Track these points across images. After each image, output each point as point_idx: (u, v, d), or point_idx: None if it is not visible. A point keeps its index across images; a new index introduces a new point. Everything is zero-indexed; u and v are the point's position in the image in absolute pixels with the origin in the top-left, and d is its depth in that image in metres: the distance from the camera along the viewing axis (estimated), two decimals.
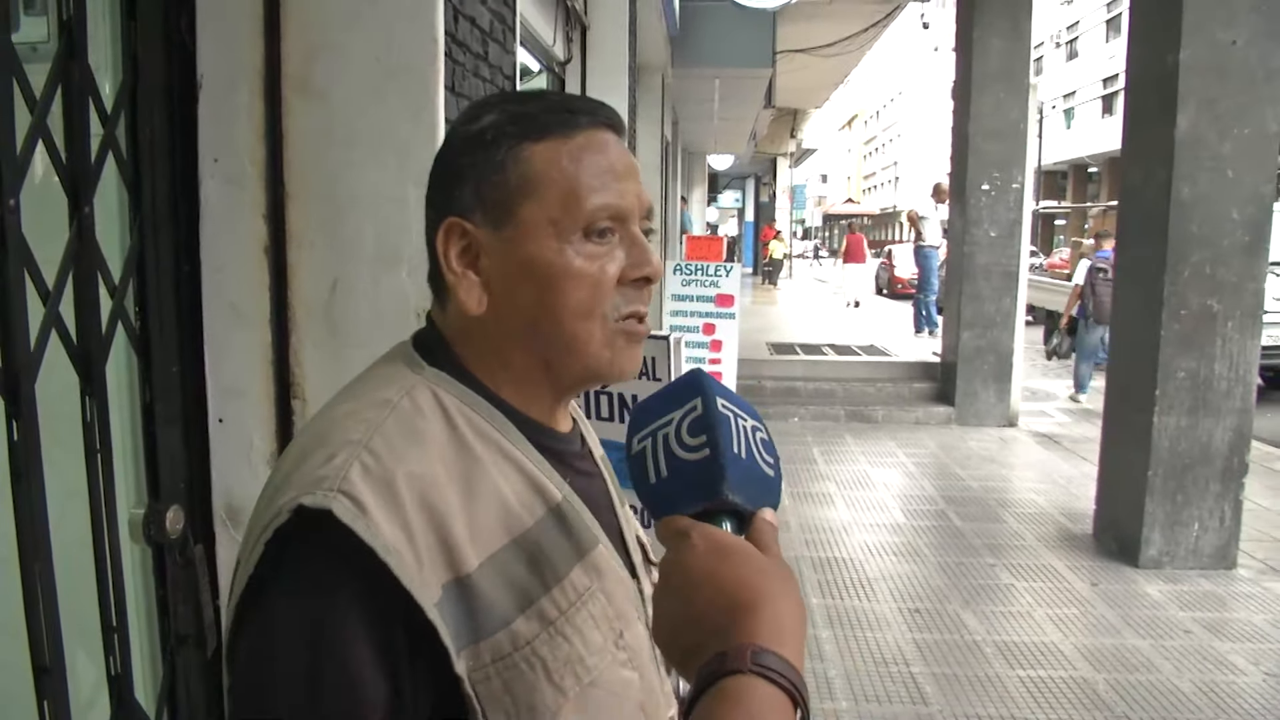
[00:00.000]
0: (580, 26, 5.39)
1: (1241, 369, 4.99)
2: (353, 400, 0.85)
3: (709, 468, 0.73)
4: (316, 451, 0.78)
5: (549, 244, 0.84)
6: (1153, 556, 5.08)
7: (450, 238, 0.86)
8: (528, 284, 0.85)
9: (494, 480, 0.82)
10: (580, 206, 0.84)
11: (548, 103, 0.89)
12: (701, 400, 0.76)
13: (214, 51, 1.62)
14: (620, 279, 0.86)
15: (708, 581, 0.67)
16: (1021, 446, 8.10)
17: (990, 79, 8.48)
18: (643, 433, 0.79)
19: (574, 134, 0.86)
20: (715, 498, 0.73)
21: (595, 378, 0.90)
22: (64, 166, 1.39)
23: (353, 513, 0.72)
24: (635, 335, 0.88)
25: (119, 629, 1.47)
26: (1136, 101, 5.31)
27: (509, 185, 0.85)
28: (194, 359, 1.69)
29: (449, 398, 0.85)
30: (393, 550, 0.72)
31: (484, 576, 0.78)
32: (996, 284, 8.68)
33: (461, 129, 0.89)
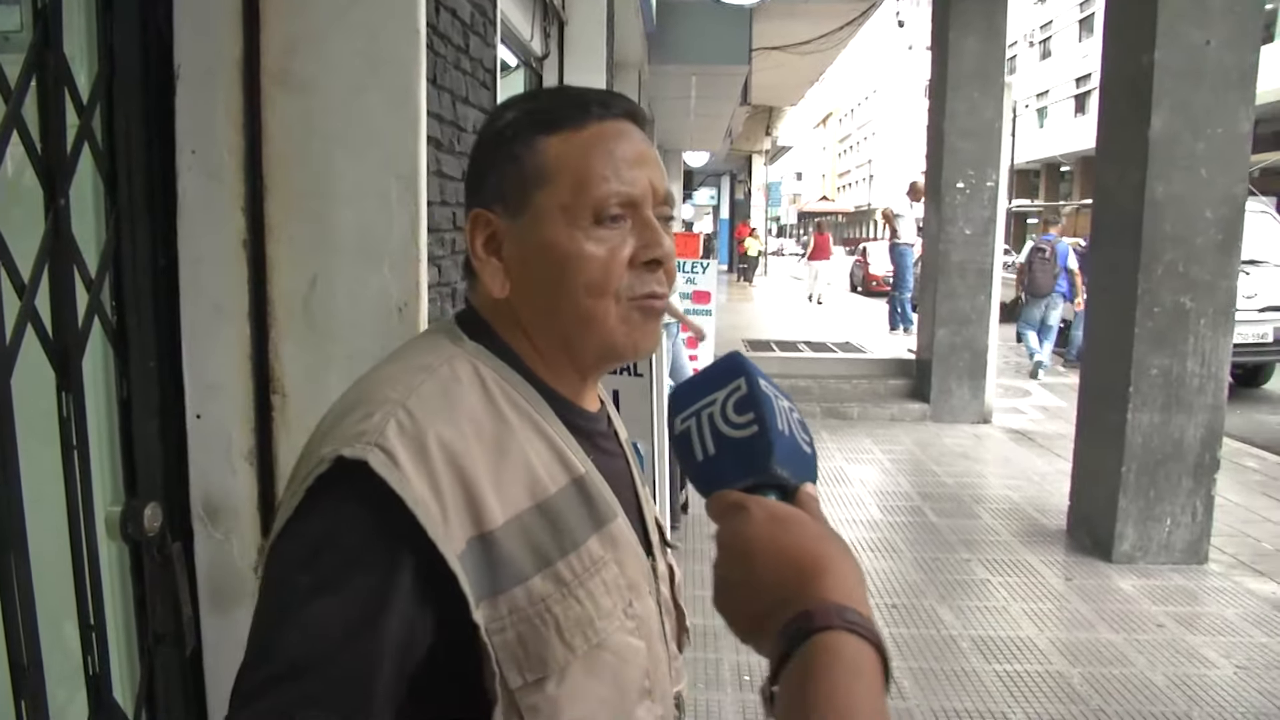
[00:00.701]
0: (558, 22, 5.37)
1: (1214, 366, 5.04)
2: (394, 365, 0.91)
3: (757, 444, 0.77)
4: (357, 409, 0.83)
5: (561, 230, 0.89)
6: (1126, 551, 5.13)
7: (477, 227, 0.93)
8: (543, 267, 0.90)
9: (523, 447, 0.87)
10: (589, 193, 0.89)
11: (564, 98, 0.95)
12: (745, 380, 0.79)
13: (192, 42, 1.59)
14: (632, 261, 0.91)
15: (771, 549, 0.69)
16: (996, 443, 8.15)
17: (965, 78, 8.53)
18: (686, 413, 0.82)
19: (585, 126, 0.92)
20: (764, 472, 0.76)
21: (614, 354, 0.94)
22: (39, 158, 1.36)
23: (387, 465, 0.77)
24: (651, 310, 0.93)
25: (97, 627, 1.45)
26: (1111, 101, 5.35)
27: (525, 176, 0.91)
28: (171, 354, 1.66)
29: (487, 370, 0.91)
30: (420, 502, 0.77)
31: (507, 535, 0.82)
32: (971, 281, 8.74)
33: (488, 127, 0.97)
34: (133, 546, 1.59)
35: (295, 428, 1.69)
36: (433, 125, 1.91)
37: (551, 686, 0.82)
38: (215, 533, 1.70)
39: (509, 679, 0.81)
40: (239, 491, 1.69)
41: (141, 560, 1.60)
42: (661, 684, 0.95)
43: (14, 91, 1.30)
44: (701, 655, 3.91)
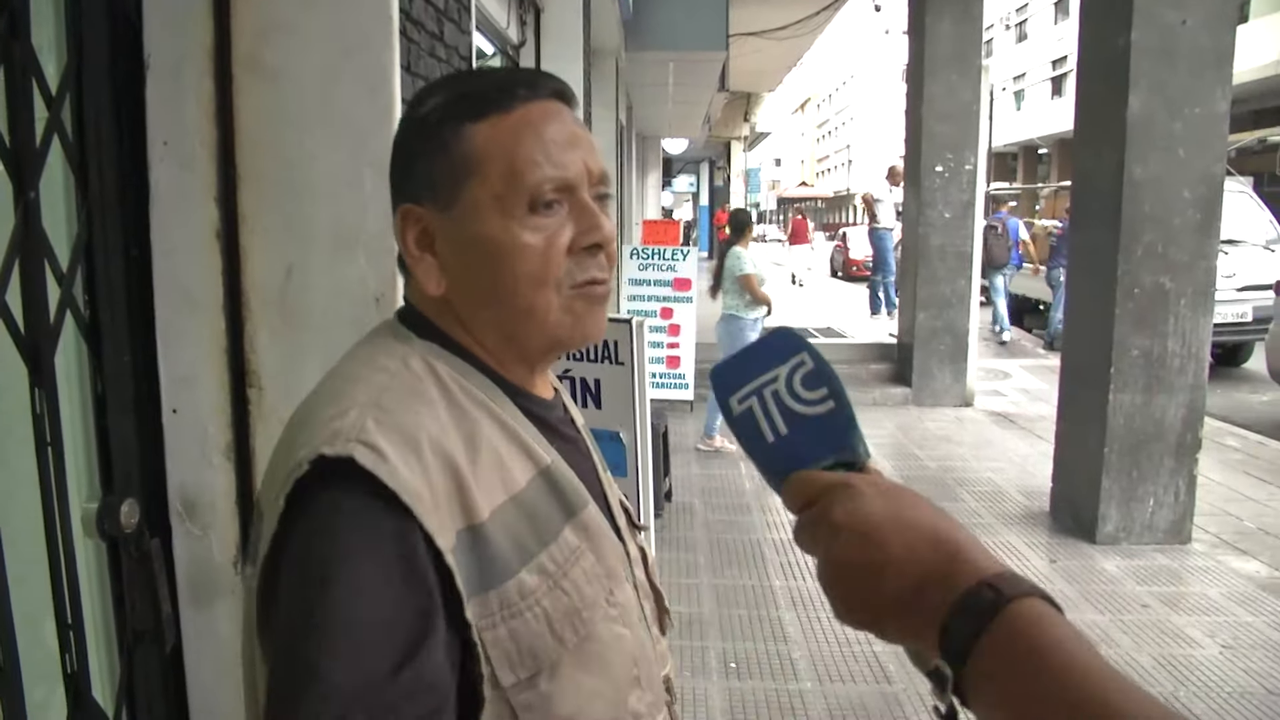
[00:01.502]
0: (534, 9, 5.34)
1: (1194, 346, 5.07)
2: (348, 369, 0.88)
3: (836, 419, 0.73)
4: (324, 411, 0.80)
5: (495, 221, 0.86)
6: (1109, 532, 5.16)
7: (408, 223, 0.90)
8: (480, 262, 0.87)
9: (490, 441, 0.85)
10: (521, 181, 0.85)
11: (489, 80, 0.92)
12: (809, 354, 0.75)
13: (162, 31, 1.56)
14: (571, 248, 0.88)
15: (900, 525, 0.66)
16: (978, 426, 8.19)
17: (942, 62, 8.53)
18: (742, 392, 0.76)
19: (513, 109, 0.88)
20: (846, 448, 0.73)
21: (559, 344, 0.92)
22: (7, 150, 1.33)
23: (373, 459, 0.74)
24: (594, 297, 0.90)
25: (75, 626, 1.43)
26: (1088, 84, 5.36)
27: (454, 166, 0.87)
28: (146, 348, 1.64)
29: (441, 365, 0.88)
30: (413, 493, 0.74)
31: (494, 527, 0.80)
32: (951, 265, 8.76)
33: (409, 113, 0.93)
34: (110, 543, 1.57)
35: (272, 421, 1.67)
36: None
37: (544, 682, 0.80)
38: (193, 528, 1.68)
39: (501, 677, 0.79)
40: (217, 486, 1.67)
41: (119, 557, 1.58)
42: (649, 670, 0.94)
43: None
44: (688, 643, 3.92)
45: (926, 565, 0.64)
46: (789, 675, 3.68)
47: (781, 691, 3.56)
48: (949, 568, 0.63)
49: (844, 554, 0.67)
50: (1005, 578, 0.62)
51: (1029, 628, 0.59)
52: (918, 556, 0.65)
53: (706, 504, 5.82)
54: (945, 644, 0.61)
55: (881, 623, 0.67)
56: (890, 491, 0.69)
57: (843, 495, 0.69)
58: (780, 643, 3.95)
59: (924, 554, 0.65)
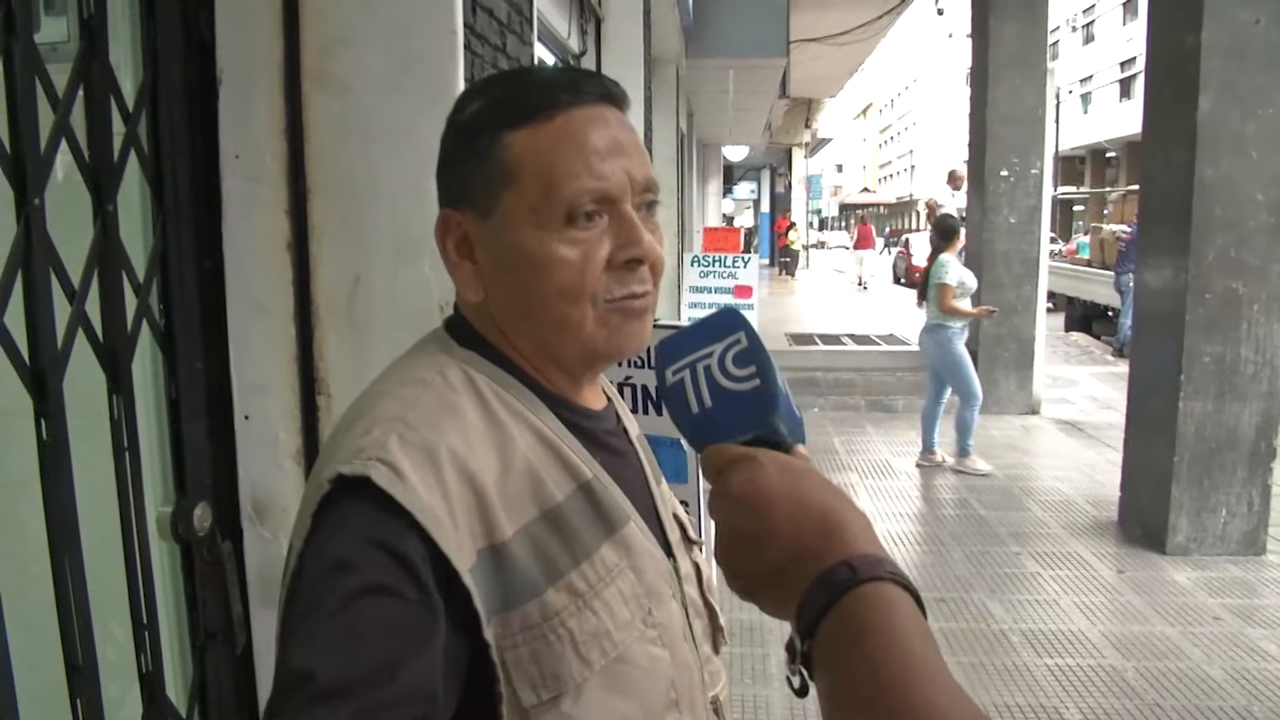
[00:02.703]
0: (595, 19, 5.38)
1: (1268, 353, 4.94)
2: (386, 382, 0.87)
3: (760, 396, 0.75)
4: (353, 428, 0.80)
5: (530, 233, 0.83)
6: (1180, 543, 5.04)
7: (447, 228, 0.89)
8: (514, 273, 0.85)
9: (525, 455, 0.83)
10: (558, 193, 0.82)
11: (531, 83, 0.88)
12: (745, 335, 0.77)
13: (233, 47, 1.61)
14: (610, 262, 0.85)
15: (788, 499, 0.67)
16: (1044, 434, 8.04)
17: (1007, 65, 8.42)
18: (678, 365, 0.79)
19: (555, 116, 0.84)
20: (765, 425, 0.75)
21: (596, 357, 0.89)
22: (87, 165, 1.39)
23: (390, 478, 0.73)
24: (632, 311, 0.87)
25: (149, 626, 1.47)
26: (1157, 84, 5.25)
27: (491, 174, 0.85)
28: (218, 355, 1.69)
29: (480, 376, 0.86)
30: (430, 514, 0.73)
31: (517, 546, 0.79)
32: (1016, 271, 8.63)
33: (451, 118, 0.90)
34: (183, 546, 1.62)
35: None
36: None
37: (567, 704, 0.78)
38: (264, 531, 1.72)
39: (522, 698, 0.77)
40: (287, 491, 1.71)
41: (192, 559, 1.63)
42: (690, 692, 0.91)
43: (62, 101, 1.33)
44: (748, 650, 3.90)
45: (806, 540, 0.65)
46: None
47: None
48: (824, 544, 0.64)
49: (733, 521, 0.69)
50: (868, 559, 0.62)
51: (866, 609, 0.60)
52: (800, 531, 0.66)
53: None
54: (799, 617, 0.63)
55: (759, 593, 0.69)
56: (792, 468, 0.70)
57: (745, 466, 0.70)
58: None
59: (806, 529, 0.66)
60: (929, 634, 0.59)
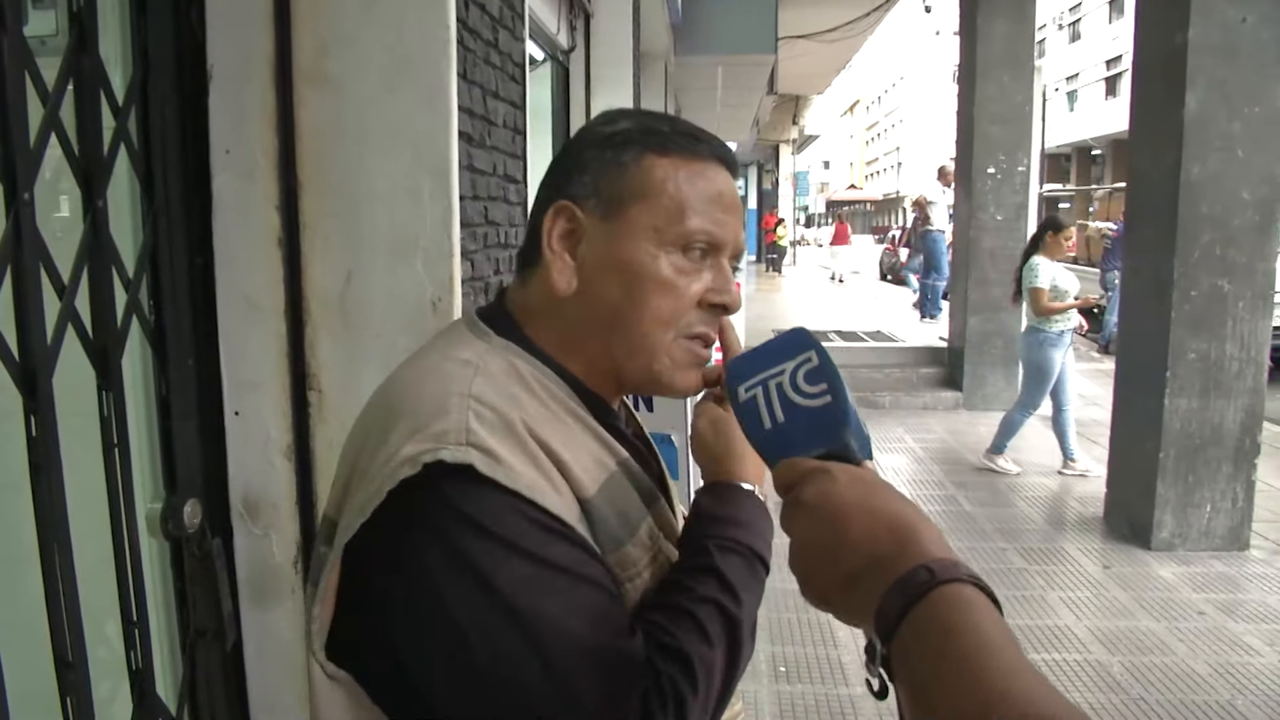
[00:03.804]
0: (584, 15, 5.36)
1: (1253, 350, 4.96)
2: (430, 360, 0.91)
3: (832, 413, 0.78)
4: (420, 405, 0.83)
5: (647, 247, 0.91)
6: (1165, 539, 5.07)
7: (558, 218, 0.93)
8: (618, 277, 0.91)
9: (575, 430, 0.90)
10: (684, 221, 0.91)
11: (678, 126, 0.97)
12: (816, 353, 0.80)
13: (224, 42, 1.60)
14: (701, 301, 0.93)
15: (862, 509, 0.70)
16: (1030, 430, 8.03)
17: (994, 63, 8.44)
18: (750, 382, 0.83)
19: (696, 159, 0.94)
20: (837, 441, 0.77)
21: (653, 384, 0.96)
22: (77, 160, 1.38)
23: (491, 464, 0.78)
24: (698, 358, 0.95)
25: (139, 624, 1.47)
26: (1144, 82, 5.27)
27: (626, 185, 0.92)
28: (209, 352, 1.68)
29: (521, 364, 0.91)
30: (534, 487, 0.79)
31: (600, 502, 0.86)
32: (1003, 268, 8.62)
33: (595, 128, 0.98)
34: (173, 543, 1.61)
35: (332, 423, 1.70)
36: (464, 120, 1.91)
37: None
38: (255, 528, 1.71)
39: None
40: (278, 488, 1.71)
41: (182, 556, 1.62)
42: None
43: (51, 95, 1.31)
44: None
45: (880, 548, 0.67)
46: (839, 680, 3.66)
47: (831, 696, 3.54)
48: (898, 550, 0.66)
49: (807, 532, 0.72)
50: (945, 563, 0.64)
51: (947, 609, 0.61)
52: (874, 538, 0.68)
53: None
54: (879, 620, 0.64)
55: (834, 601, 0.71)
56: (864, 480, 0.73)
57: (818, 478, 0.73)
58: (830, 647, 3.93)
59: (880, 537, 0.68)
60: (1009, 631, 0.61)
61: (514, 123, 2.54)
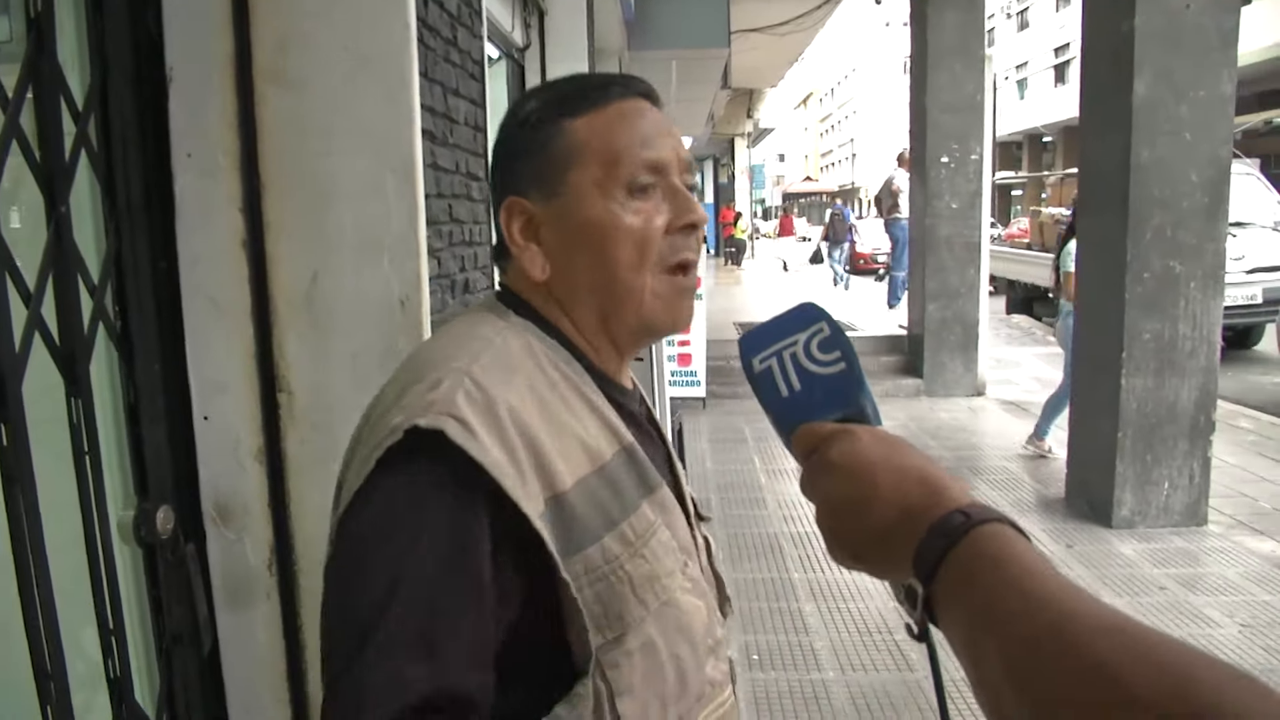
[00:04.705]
0: (538, 12, 5.35)
1: (1205, 329, 5.07)
2: (447, 338, 0.94)
3: (847, 379, 0.81)
4: (421, 379, 0.85)
5: (597, 204, 0.93)
6: (1125, 516, 5.17)
7: (512, 214, 0.97)
8: (583, 245, 0.94)
9: (578, 416, 0.91)
10: (620, 164, 0.93)
11: (583, 82, 0.99)
12: (828, 324, 0.83)
13: (183, 44, 1.59)
14: (668, 228, 0.95)
15: (890, 464, 0.72)
16: (991, 415, 8.20)
17: (945, 53, 8.54)
18: (764, 354, 0.85)
19: (609, 104, 0.96)
20: (853, 405, 0.80)
21: (651, 329, 0.98)
22: (39, 166, 1.36)
23: (464, 434, 0.79)
24: (683, 288, 0.97)
25: (116, 631, 1.45)
26: (1092, 69, 5.37)
27: (555, 158, 0.94)
28: (176, 356, 1.66)
29: (536, 343, 0.94)
30: (499, 466, 0.80)
31: (577, 496, 0.86)
32: (959, 255, 8.77)
33: (509, 120, 1.00)
34: (147, 549, 1.60)
35: (303, 424, 1.69)
36: (426, 118, 1.91)
37: (631, 641, 0.86)
38: (228, 532, 1.70)
39: (590, 638, 0.84)
40: (249, 491, 1.70)
41: (156, 563, 1.61)
42: (722, 645, 1.00)
43: (11, 101, 1.30)
44: None
45: (911, 500, 0.69)
46: (811, 665, 3.70)
47: (805, 681, 3.58)
48: (930, 500, 0.68)
49: (836, 489, 0.73)
50: (978, 506, 0.66)
51: (991, 544, 0.63)
52: (904, 492, 0.70)
53: (723, 499, 5.83)
54: (917, 564, 0.66)
55: (867, 555, 0.72)
56: (887, 439, 0.75)
57: (841, 438, 0.75)
58: (802, 634, 3.97)
59: (910, 490, 0.70)
60: (1051, 562, 0.62)
61: (475, 120, 2.54)
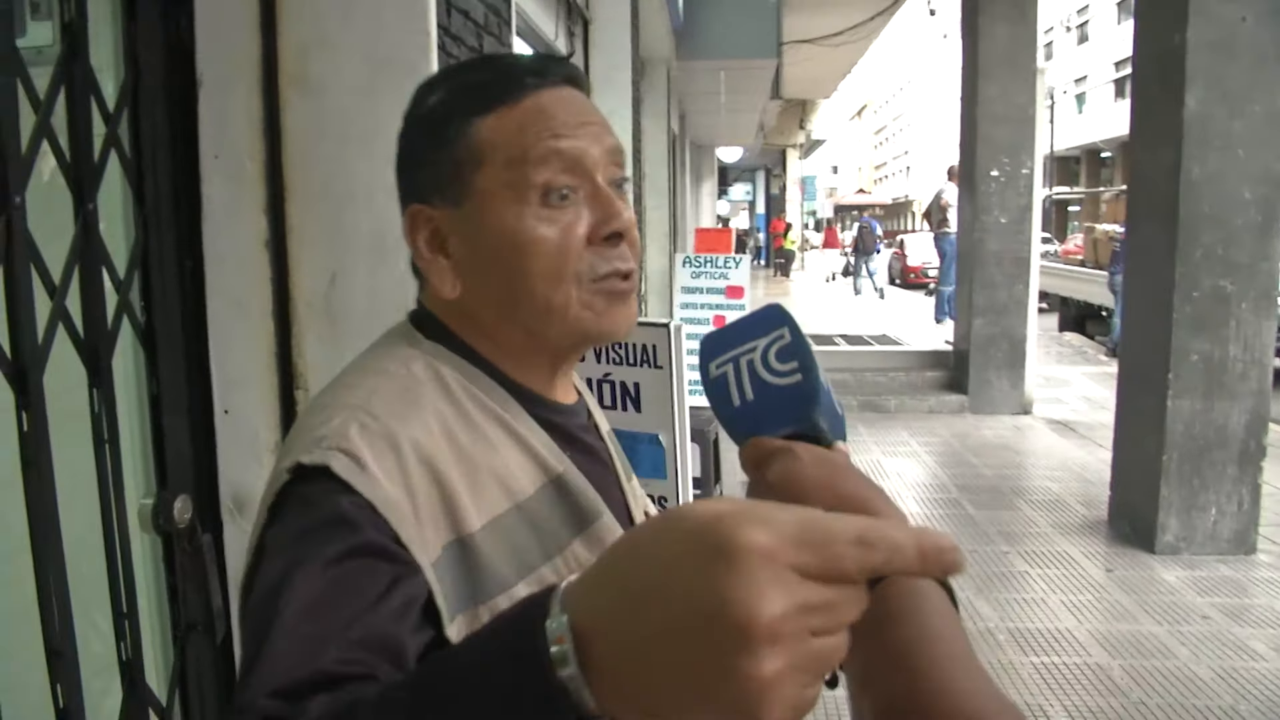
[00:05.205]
0: (582, 21, 5.41)
1: (1256, 351, 4.93)
2: (350, 375, 0.86)
3: (800, 392, 0.75)
4: (316, 416, 0.78)
5: (507, 211, 0.82)
6: (1169, 542, 5.04)
7: (416, 224, 0.86)
8: (494, 259, 0.83)
9: (494, 447, 0.82)
10: (529, 169, 0.82)
11: (493, 70, 0.87)
12: (789, 330, 0.77)
13: (213, 50, 1.64)
14: (590, 238, 0.83)
15: (825, 490, 0.67)
16: (1036, 434, 8.06)
17: (997, 65, 8.43)
18: (721, 359, 0.79)
19: (522, 98, 0.84)
20: (806, 420, 0.74)
21: (585, 339, 0.88)
22: (68, 165, 1.41)
23: (350, 468, 0.71)
24: (618, 294, 0.86)
25: (129, 615, 1.50)
26: (1144, 82, 5.27)
27: (459, 161, 0.83)
28: (199, 352, 1.71)
29: (447, 369, 0.85)
30: (391, 504, 0.71)
31: (486, 539, 0.77)
32: (1008, 270, 8.63)
33: (411, 113, 0.89)
34: (164, 538, 1.64)
35: None
36: None
37: None
38: (244, 524, 1.75)
39: None
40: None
41: (173, 551, 1.65)
42: None
43: (44, 102, 1.35)
44: None
45: None
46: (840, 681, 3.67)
47: (828, 697, 3.54)
48: None
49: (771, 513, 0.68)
50: None
51: (896, 597, 0.59)
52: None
53: None
54: None
55: None
56: (829, 462, 0.70)
57: (782, 458, 0.70)
58: None
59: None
60: (957, 623, 0.59)
61: None
